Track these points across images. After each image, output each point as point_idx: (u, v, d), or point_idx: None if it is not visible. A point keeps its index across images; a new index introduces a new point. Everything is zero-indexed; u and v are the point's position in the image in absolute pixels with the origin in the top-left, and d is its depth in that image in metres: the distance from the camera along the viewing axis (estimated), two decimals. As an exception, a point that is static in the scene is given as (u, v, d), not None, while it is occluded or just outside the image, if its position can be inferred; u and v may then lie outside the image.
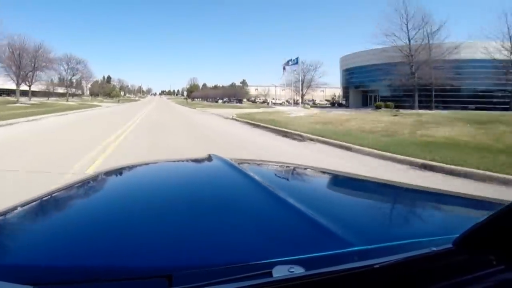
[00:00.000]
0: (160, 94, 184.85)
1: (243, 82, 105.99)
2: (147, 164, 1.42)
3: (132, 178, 1.22)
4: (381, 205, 0.97)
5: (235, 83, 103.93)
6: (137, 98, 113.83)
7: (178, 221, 0.74)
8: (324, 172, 1.41)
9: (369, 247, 0.58)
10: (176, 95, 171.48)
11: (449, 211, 0.96)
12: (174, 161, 1.64)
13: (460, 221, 0.85)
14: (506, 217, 0.47)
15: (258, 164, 1.54)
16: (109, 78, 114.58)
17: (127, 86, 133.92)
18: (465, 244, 0.51)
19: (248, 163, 1.39)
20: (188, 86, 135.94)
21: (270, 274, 0.49)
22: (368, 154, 7.02)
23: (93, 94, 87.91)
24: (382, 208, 0.93)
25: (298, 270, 0.50)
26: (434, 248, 0.51)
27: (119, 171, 1.23)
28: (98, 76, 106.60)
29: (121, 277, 0.52)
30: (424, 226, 0.77)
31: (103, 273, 0.54)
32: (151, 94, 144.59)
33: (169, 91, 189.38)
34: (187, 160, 1.51)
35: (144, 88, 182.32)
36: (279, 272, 0.49)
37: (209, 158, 1.27)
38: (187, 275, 0.51)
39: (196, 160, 1.41)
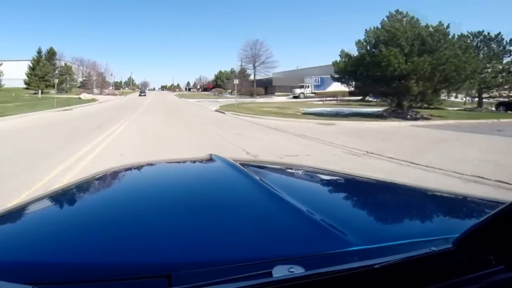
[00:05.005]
0: (160, 89, 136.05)
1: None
2: (147, 164, 1.42)
3: (132, 178, 1.22)
4: (381, 205, 0.97)
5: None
6: (82, 97, 38.17)
7: (178, 221, 0.74)
8: (324, 172, 1.41)
9: (369, 247, 0.58)
10: (189, 89, 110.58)
11: (449, 211, 0.96)
12: (175, 162, 1.64)
13: (460, 221, 0.85)
14: (506, 217, 0.48)
15: (258, 164, 1.52)
16: (51, 53, 52.33)
17: (99, 73, 63.04)
18: (465, 244, 0.51)
19: (249, 163, 1.39)
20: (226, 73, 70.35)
21: (270, 274, 0.49)
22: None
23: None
24: (382, 208, 0.94)
25: (298, 270, 0.50)
26: (434, 248, 0.52)
27: (118, 171, 1.23)
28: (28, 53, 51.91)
29: (120, 277, 0.52)
30: (424, 226, 0.78)
31: (103, 272, 0.54)
32: (143, 91, 68.32)
33: (172, 85, 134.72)
34: (188, 161, 1.50)
35: (138, 82, 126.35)
36: (279, 272, 0.50)
37: (210, 158, 1.26)
38: (187, 274, 0.51)
39: (196, 160, 1.41)
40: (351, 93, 29.92)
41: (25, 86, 47.60)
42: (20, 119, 15.09)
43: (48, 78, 49.56)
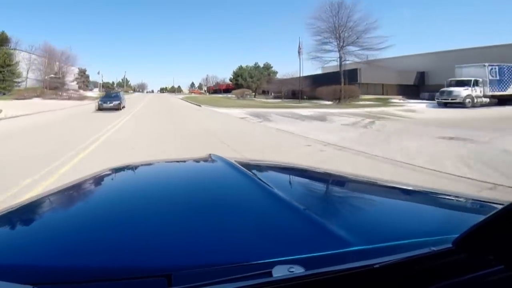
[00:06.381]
0: (160, 91, 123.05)
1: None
2: (147, 164, 1.42)
3: (132, 178, 1.24)
4: (381, 205, 0.97)
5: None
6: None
7: (178, 221, 0.74)
8: (324, 173, 1.41)
9: (369, 247, 0.58)
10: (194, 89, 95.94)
11: (449, 211, 0.96)
12: (174, 161, 1.64)
13: (460, 221, 0.83)
14: (506, 217, 0.48)
15: (258, 164, 1.52)
16: (1, 40, 37.04)
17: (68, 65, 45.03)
18: (464, 244, 0.51)
19: (248, 163, 1.36)
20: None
21: (270, 274, 0.49)
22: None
23: None
24: (382, 208, 0.93)
25: (298, 270, 0.50)
26: (434, 248, 0.52)
27: (118, 171, 1.23)
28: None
29: (120, 277, 0.52)
30: (424, 226, 0.77)
31: (102, 273, 0.54)
32: (111, 96, 21.64)
33: (173, 87, 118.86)
34: (187, 160, 1.51)
35: (135, 83, 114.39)
36: (279, 272, 0.50)
37: (209, 158, 1.27)
38: (187, 274, 0.51)
39: (196, 160, 1.42)
40: None
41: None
42: None
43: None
